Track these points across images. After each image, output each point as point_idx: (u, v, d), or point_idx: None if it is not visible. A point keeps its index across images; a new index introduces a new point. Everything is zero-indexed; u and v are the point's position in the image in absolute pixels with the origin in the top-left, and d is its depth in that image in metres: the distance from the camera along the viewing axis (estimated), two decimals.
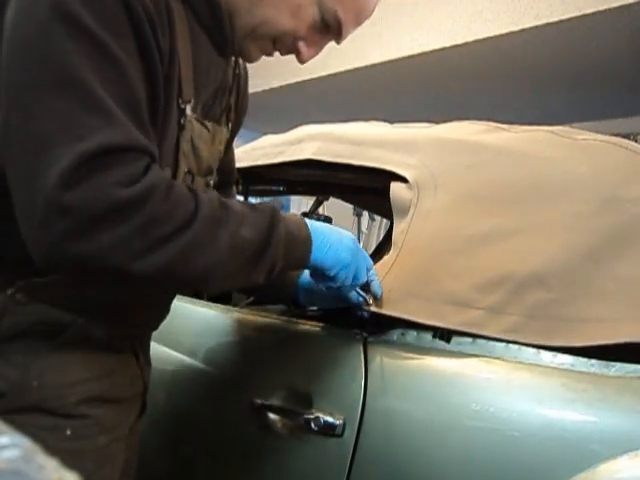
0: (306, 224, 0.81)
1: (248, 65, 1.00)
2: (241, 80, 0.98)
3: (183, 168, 0.77)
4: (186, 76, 0.74)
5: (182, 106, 0.74)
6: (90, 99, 0.58)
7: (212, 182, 0.88)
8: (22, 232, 0.60)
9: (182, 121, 0.75)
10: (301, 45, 0.80)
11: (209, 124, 0.83)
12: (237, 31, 0.78)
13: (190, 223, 0.63)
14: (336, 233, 0.84)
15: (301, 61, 0.83)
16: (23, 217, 0.60)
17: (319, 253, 0.81)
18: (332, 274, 0.83)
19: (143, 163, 0.61)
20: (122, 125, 0.59)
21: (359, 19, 0.81)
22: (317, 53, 0.83)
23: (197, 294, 1.40)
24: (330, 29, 0.80)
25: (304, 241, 0.79)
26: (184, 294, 1.27)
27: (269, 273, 0.74)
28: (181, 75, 0.72)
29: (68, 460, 0.22)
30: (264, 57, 0.84)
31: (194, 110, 0.78)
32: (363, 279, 0.88)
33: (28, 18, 0.59)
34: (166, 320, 0.91)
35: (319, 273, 0.84)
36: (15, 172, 0.60)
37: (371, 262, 0.91)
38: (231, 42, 0.80)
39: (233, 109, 0.94)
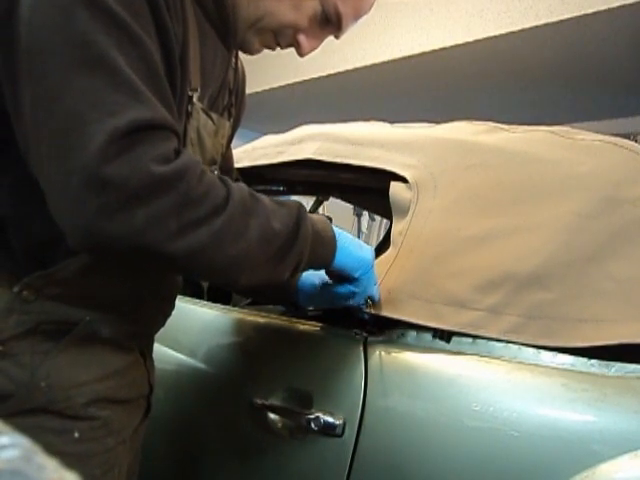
0: (331, 225, 0.82)
1: (250, 64, 1.00)
2: (240, 78, 0.99)
3: None
4: (194, 65, 0.75)
5: (190, 94, 0.75)
6: (117, 76, 0.58)
7: (215, 173, 0.89)
8: (55, 215, 0.60)
9: (189, 109, 0.76)
10: (301, 38, 0.81)
11: (214, 116, 0.83)
12: (240, 23, 0.79)
13: (223, 208, 0.63)
14: (356, 240, 0.86)
15: (301, 54, 0.83)
16: (56, 198, 0.60)
17: (342, 254, 0.82)
18: (356, 275, 0.84)
19: (173, 143, 0.61)
20: (151, 102, 0.60)
21: (359, 13, 0.82)
22: (317, 46, 0.84)
23: (197, 294, 1.40)
24: (330, 22, 0.81)
25: (329, 240, 0.80)
26: (185, 291, 1.27)
27: (295, 269, 0.74)
28: (189, 64, 0.73)
29: (75, 464, 0.22)
30: (264, 57, 0.85)
31: (200, 100, 0.78)
32: (374, 286, 0.89)
33: (49, 2, 0.59)
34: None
35: (342, 275, 0.85)
36: (45, 153, 0.60)
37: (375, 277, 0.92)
38: (234, 35, 0.80)
39: (233, 106, 0.95)
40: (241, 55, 0.93)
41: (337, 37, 0.85)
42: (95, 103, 0.57)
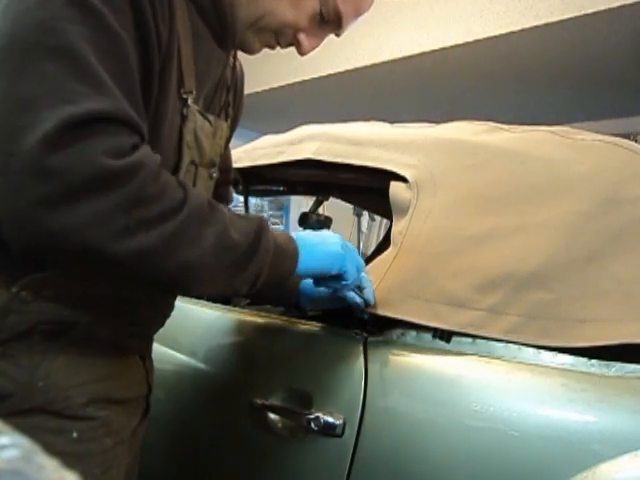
0: (292, 237, 0.79)
1: (249, 64, 1.00)
2: (238, 78, 0.98)
3: (187, 159, 0.77)
4: (187, 67, 0.74)
5: (184, 96, 0.74)
6: (82, 66, 0.56)
7: (215, 175, 0.88)
8: None
9: (185, 112, 0.75)
10: (301, 37, 0.80)
11: (211, 117, 0.83)
12: (238, 23, 0.78)
13: (177, 212, 0.61)
14: (319, 237, 0.83)
15: (301, 53, 0.83)
16: None
17: (311, 259, 0.79)
18: (335, 272, 0.82)
19: (132, 139, 0.59)
20: (113, 95, 0.58)
21: (359, 11, 0.82)
22: (317, 45, 0.83)
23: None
24: (330, 21, 0.80)
25: (291, 253, 0.78)
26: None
27: (253, 284, 0.72)
28: (182, 66, 0.72)
29: (74, 464, 0.21)
30: (264, 57, 0.84)
31: (196, 102, 0.78)
32: (351, 280, 0.86)
33: None
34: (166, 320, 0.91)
35: (323, 277, 0.83)
36: None
37: (362, 263, 0.89)
38: (232, 35, 0.80)
39: (231, 106, 0.94)
40: (241, 55, 0.93)
41: (338, 35, 0.85)
42: (53, 89, 0.55)
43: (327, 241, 0.83)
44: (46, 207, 0.54)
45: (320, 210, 1.82)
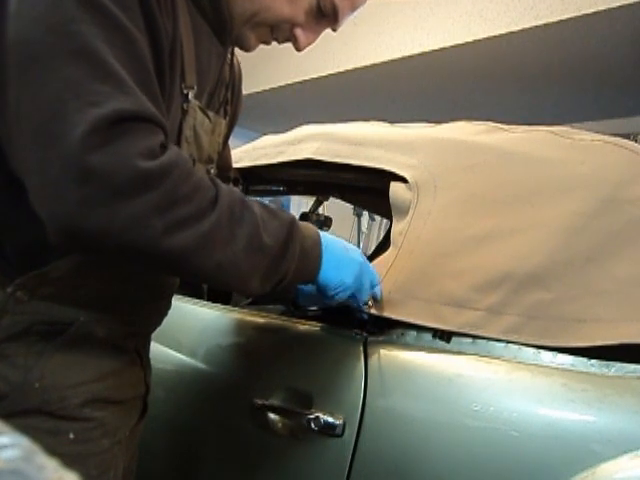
0: (320, 241, 0.79)
1: (250, 64, 1.00)
2: (236, 75, 0.98)
3: (185, 154, 0.77)
4: (189, 63, 0.74)
5: (185, 91, 0.74)
6: (102, 67, 0.57)
7: (213, 171, 0.88)
8: (35, 204, 0.58)
9: (185, 107, 0.75)
10: (298, 32, 0.80)
11: (211, 114, 0.83)
12: (235, 19, 0.78)
13: (209, 211, 0.61)
14: (344, 252, 0.82)
15: (298, 48, 0.83)
16: (37, 187, 0.58)
17: (324, 273, 0.80)
18: (330, 294, 0.82)
19: (159, 137, 0.60)
20: (135, 94, 0.58)
21: (355, 4, 0.82)
22: (314, 40, 0.83)
23: (197, 294, 1.40)
24: (327, 15, 0.80)
25: (315, 260, 0.78)
26: (185, 291, 1.27)
27: (276, 285, 0.73)
28: (184, 61, 0.73)
29: (71, 465, 0.21)
30: (265, 57, 0.84)
31: (196, 98, 0.78)
32: (363, 299, 0.87)
33: None
34: (166, 320, 0.91)
35: (319, 290, 0.83)
36: (27, 143, 0.58)
37: (377, 278, 0.90)
38: (230, 31, 0.80)
39: (230, 103, 0.94)
40: (242, 54, 0.93)
41: (334, 30, 0.85)
42: (78, 93, 0.56)
43: (346, 265, 0.82)
44: (85, 209, 0.55)
45: (320, 210, 1.82)
